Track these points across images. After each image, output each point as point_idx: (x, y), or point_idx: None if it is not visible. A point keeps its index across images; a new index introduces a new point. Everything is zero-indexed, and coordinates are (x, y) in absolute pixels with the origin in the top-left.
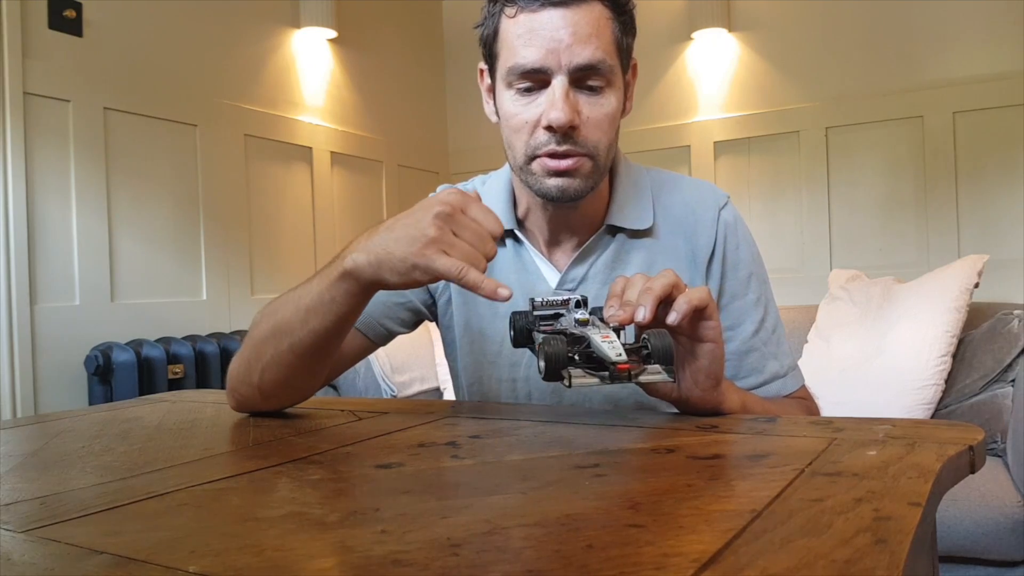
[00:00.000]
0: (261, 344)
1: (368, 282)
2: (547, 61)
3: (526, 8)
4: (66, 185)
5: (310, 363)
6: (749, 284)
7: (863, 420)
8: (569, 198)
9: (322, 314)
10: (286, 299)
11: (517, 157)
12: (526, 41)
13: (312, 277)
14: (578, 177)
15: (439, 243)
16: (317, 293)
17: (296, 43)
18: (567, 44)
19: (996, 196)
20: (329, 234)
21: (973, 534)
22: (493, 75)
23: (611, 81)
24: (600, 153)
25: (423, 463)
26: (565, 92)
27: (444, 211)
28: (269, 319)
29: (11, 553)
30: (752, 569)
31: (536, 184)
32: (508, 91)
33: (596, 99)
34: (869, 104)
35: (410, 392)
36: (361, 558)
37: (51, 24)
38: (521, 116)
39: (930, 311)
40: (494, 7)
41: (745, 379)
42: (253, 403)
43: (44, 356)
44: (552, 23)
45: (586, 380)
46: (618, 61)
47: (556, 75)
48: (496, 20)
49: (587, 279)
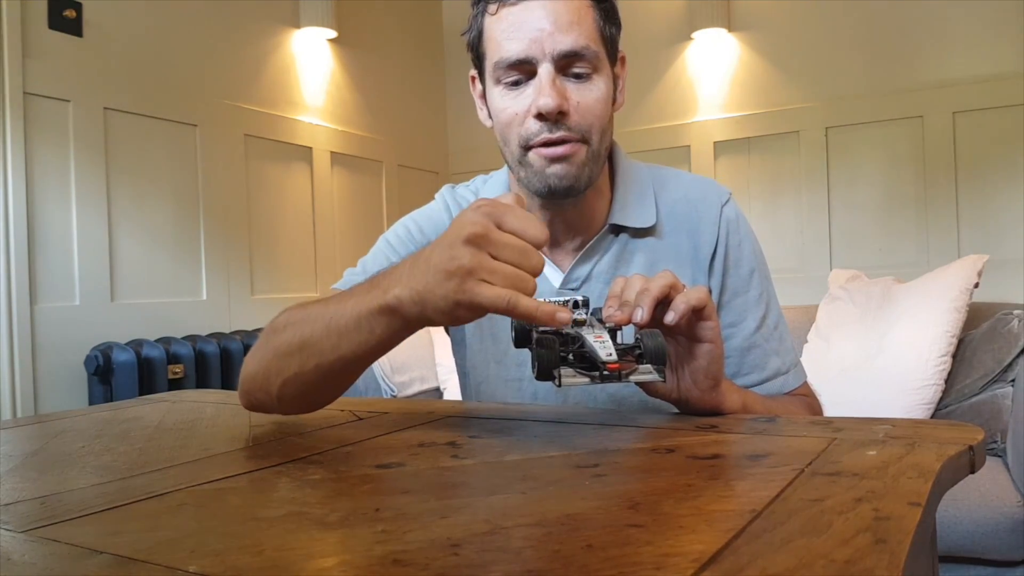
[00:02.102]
0: (285, 357)
1: (414, 320)
2: (531, 51)
3: (506, 3)
4: (66, 185)
5: (336, 383)
6: (751, 280)
7: (863, 420)
8: (569, 186)
9: (357, 342)
10: (315, 314)
11: (513, 151)
12: (509, 35)
13: (346, 297)
14: (575, 163)
15: (477, 272)
16: (354, 319)
17: (296, 43)
18: (549, 32)
19: (996, 196)
20: (329, 234)
21: (973, 534)
22: (483, 78)
23: (597, 67)
24: (593, 138)
25: (423, 463)
26: (552, 78)
27: (476, 232)
28: (295, 331)
29: (11, 553)
30: (752, 569)
31: (535, 176)
32: (497, 87)
33: (584, 85)
34: (869, 104)
35: (410, 392)
36: (361, 558)
37: (51, 24)
38: (511, 108)
39: (930, 311)
40: (476, 9)
41: (747, 376)
42: (267, 408)
43: (44, 356)
44: (533, 14)
45: (576, 380)
46: (603, 48)
47: (541, 64)
48: (480, 21)
49: (591, 279)
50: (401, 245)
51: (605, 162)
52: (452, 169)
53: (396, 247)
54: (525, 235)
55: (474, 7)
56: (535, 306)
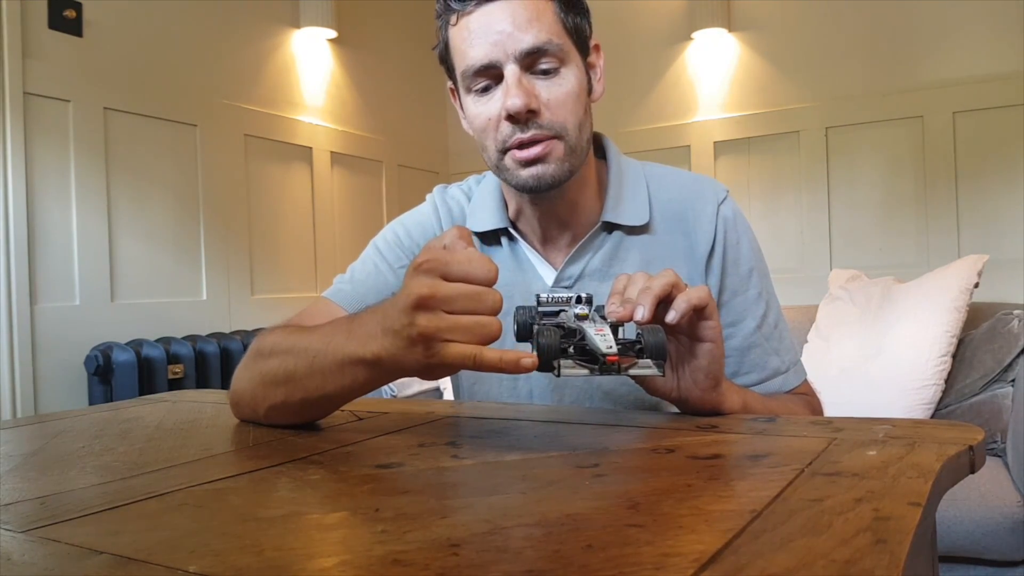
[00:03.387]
0: (272, 386)
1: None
2: (493, 54)
3: (463, 11)
4: (66, 185)
5: (324, 411)
6: (750, 279)
7: (863, 420)
8: (547, 185)
9: (341, 385)
10: (300, 347)
11: (491, 156)
12: (471, 42)
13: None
14: (551, 162)
15: (437, 335)
16: (337, 364)
17: (296, 43)
18: (509, 33)
19: (996, 196)
20: (329, 234)
21: (973, 534)
22: (457, 88)
23: (563, 60)
24: (569, 133)
25: (423, 463)
26: (517, 79)
27: (423, 295)
28: (281, 362)
29: (11, 553)
30: (752, 569)
31: (513, 179)
32: (469, 96)
33: (552, 80)
34: (869, 104)
35: (410, 392)
36: (361, 558)
37: (51, 24)
38: (483, 114)
39: (930, 311)
40: (440, 22)
41: (747, 375)
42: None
43: (44, 356)
44: (491, 18)
45: (576, 371)
46: (568, 39)
47: (506, 65)
48: (444, 33)
49: (583, 277)
50: (389, 251)
51: (587, 151)
52: (452, 169)
53: (385, 253)
54: (474, 279)
55: (438, 20)
56: (498, 357)
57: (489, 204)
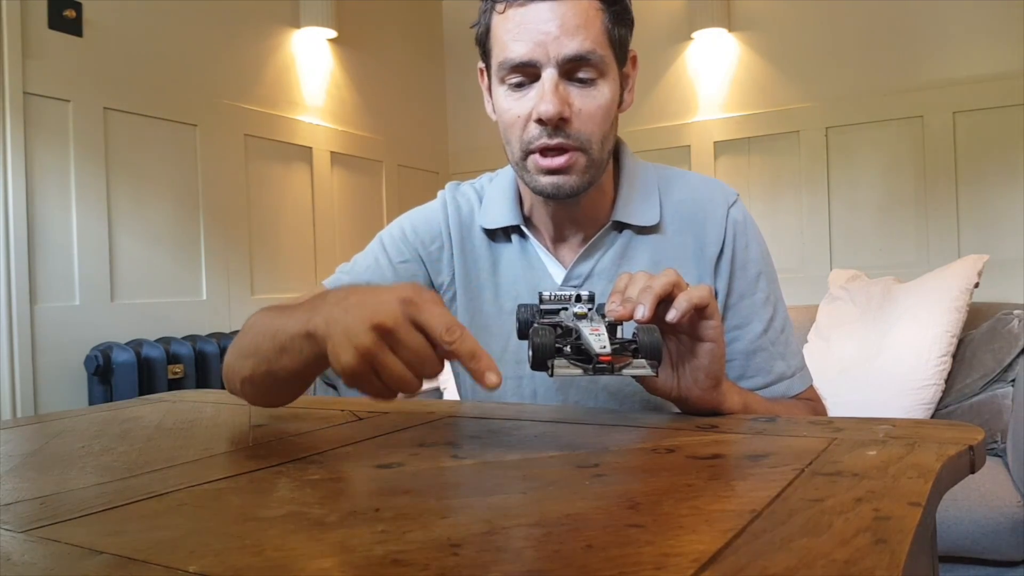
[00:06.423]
0: (243, 359)
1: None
2: (535, 54)
3: (514, 3)
4: (66, 185)
5: (288, 389)
6: (758, 283)
7: (863, 420)
8: (566, 195)
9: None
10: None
11: (514, 153)
12: (515, 35)
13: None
14: (573, 174)
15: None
16: (288, 338)
17: (296, 43)
18: (555, 36)
19: (996, 196)
20: (329, 234)
21: (973, 534)
22: (489, 73)
23: (603, 72)
24: (593, 146)
25: (423, 463)
26: (554, 84)
27: (385, 324)
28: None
29: (11, 553)
30: (752, 569)
31: (532, 182)
32: (501, 87)
33: (588, 91)
34: (869, 104)
35: None
36: (361, 558)
37: (51, 24)
38: (513, 111)
39: (930, 311)
40: (486, 4)
41: (752, 379)
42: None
43: (44, 356)
44: (540, 16)
45: (569, 371)
46: (610, 51)
47: (545, 68)
48: (488, 17)
49: (593, 275)
50: (392, 246)
51: (607, 163)
52: (452, 169)
53: (387, 247)
54: (432, 331)
55: (484, 1)
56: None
57: (503, 200)
